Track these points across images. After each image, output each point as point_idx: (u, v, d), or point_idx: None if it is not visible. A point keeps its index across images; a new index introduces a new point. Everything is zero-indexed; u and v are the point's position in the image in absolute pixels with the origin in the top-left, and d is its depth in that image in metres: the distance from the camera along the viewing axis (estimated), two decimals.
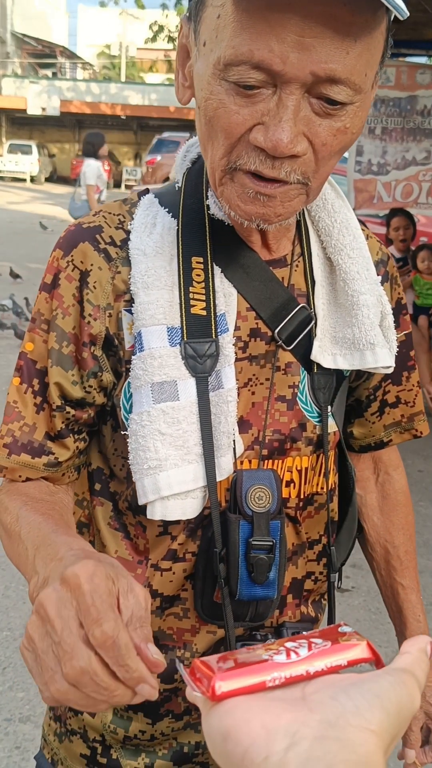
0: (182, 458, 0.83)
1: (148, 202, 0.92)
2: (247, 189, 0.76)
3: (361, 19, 0.66)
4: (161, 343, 0.84)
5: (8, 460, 0.88)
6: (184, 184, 0.92)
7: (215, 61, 0.71)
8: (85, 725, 1.00)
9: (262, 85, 0.70)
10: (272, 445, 0.90)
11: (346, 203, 0.95)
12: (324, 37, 0.66)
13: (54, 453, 0.89)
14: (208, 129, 0.76)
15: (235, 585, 0.86)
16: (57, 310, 0.88)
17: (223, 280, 0.88)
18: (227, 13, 0.69)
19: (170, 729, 0.96)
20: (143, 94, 29.19)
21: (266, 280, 0.89)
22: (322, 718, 0.39)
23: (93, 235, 0.89)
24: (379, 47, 0.71)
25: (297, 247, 0.93)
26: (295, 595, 0.97)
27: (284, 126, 0.70)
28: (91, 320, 0.87)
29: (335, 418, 0.95)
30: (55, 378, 0.88)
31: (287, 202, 0.77)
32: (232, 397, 0.85)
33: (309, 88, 0.70)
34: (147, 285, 0.85)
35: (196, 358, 0.85)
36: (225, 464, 0.85)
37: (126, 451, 0.87)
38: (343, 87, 0.69)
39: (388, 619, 3.18)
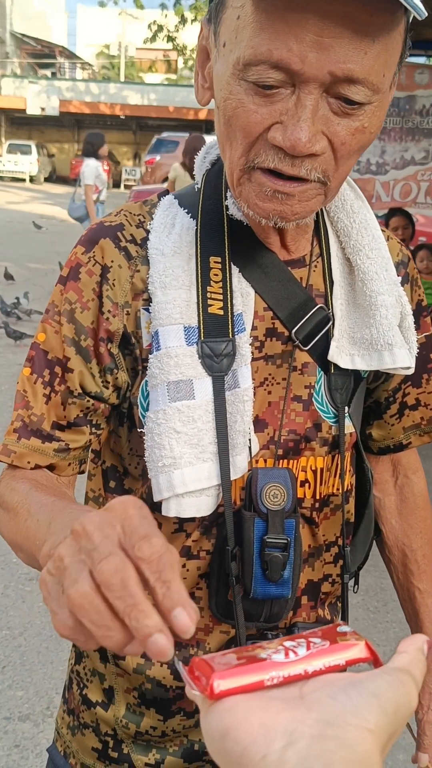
0: (197, 456, 0.84)
1: (167, 203, 0.93)
2: (265, 188, 0.77)
3: (379, 20, 0.67)
4: (178, 342, 0.84)
5: (18, 444, 0.88)
6: (204, 186, 0.92)
7: (235, 61, 0.72)
8: (97, 719, 1.01)
9: (280, 84, 0.70)
10: (287, 445, 0.91)
11: (365, 204, 0.95)
12: (342, 37, 0.67)
13: (63, 440, 0.89)
14: (227, 128, 0.77)
15: (249, 583, 0.86)
16: (76, 303, 0.88)
17: (240, 279, 0.88)
18: (247, 13, 0.70)
19: (181, 726, 0.97)
20: (142, 94, 29.16)
21: (284, 280, 0.89)
22: (320, 717, 0.39)
23: (114, 232, 0.90)
24: (397, 48, 0.72)
25: (316, 248, 0.93)
26: (311, 598, 0.97)
27: (302, 125, 0.70)
28: (110, 316, 0.88)
29: (352, 419, 0.95)
30: (78, 367, 0.88)
31: (305, 202, 0.78)
32: (248, 397, 0.86)
33: (327, 88, 0.70)
34: (164, 285, 0.86)
35: (212, 357, 0.85)
36: (240, 463, 0.86)
37: (141, 449, 0.88)
38: (361, 87, 0.70)
39: (386, 618, 3.20)
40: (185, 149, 7.40)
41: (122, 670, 0.98)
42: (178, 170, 7.40)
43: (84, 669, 1.04)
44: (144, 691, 0.96)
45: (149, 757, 0.99)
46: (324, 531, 0.96)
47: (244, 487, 0.88)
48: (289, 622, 0.96)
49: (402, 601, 1.16)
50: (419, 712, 1.11)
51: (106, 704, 1.00)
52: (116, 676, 0.99)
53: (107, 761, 1.01)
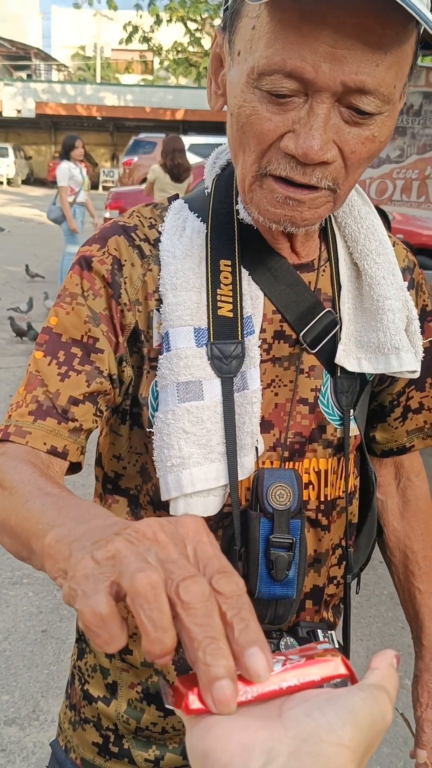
0: (205, 457, 0.85)
1: (178, 207, 0.94)
2: (276, 194, 0.78)
3: (391, 32, 0.69)
4: (188, 343, 0.86)
5: (34, 425, 0.84)
6: (214, 190, 0.93)
7: (249, 70, 0.73)
8: (99, 714, 1.02)
9: (294, 93, 0.72)
10: (293, 447, 0.92)
11: (372, 210, 0.97)
12: (355, 48, 0.68)
13: (78, 419, 0.86)
14: (240, 135, 0.78)
15: (254, 583, 0.87)
16: (88, 291, 0.88)
17: (250, 282, 0.90)
18: (262, 24, 0.71)
19: (181, 724, 0.98)
20: (119, 95, 29.06)
21: (293, 284, 0.91)
22: (296, 735, 0.40)
23: (129, 232, 0.91)
24: (408, 60, 0.74)
25: (324, 253, 0.95)
26: (315, 602, 0.98)
27: (315, 134, 0.72)
28: (124, 309, 0.88)
29: (357, 421, 0.96)
30: (107, 348, 0.87)
31: (314, 209, 0.79)
32: (257, 399, 0.87)
33: (339, 98, 0.72)
34: (175, 287, 0.87)
35: (222, 359, 0.86)
36: (247, 464, 0.87)
37: (141, 447, 0.90)
38: (372, 98, 0.72)
39: (369, 613, 3.23)
40: (163, 150, 7.40)
41: (128, 665, 0.99)
42: (157, 172, 7.39)
43: (86, 665, 1.05)
44: (149, 685, 0.97)
45: (149, 753, 1.00)
46: (332, 535, 0.97)
47: (249, 487, 0.89)
48: (292, 623, 0.96)
49: (403, 602, 1.17)
50: (418, 709, 1.12)
51: (108, 699, 1.01)
52: (121, 671, 1.00)
53: (107, 756, 1.02)
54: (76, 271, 0.90)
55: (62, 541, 0.50)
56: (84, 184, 8.39)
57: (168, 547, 0.43)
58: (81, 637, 1.08)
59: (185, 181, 7.36)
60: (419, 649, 1.15)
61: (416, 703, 1.13)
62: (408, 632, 3.09)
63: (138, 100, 28.59)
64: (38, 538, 0.56)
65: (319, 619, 1.00)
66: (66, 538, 0.50)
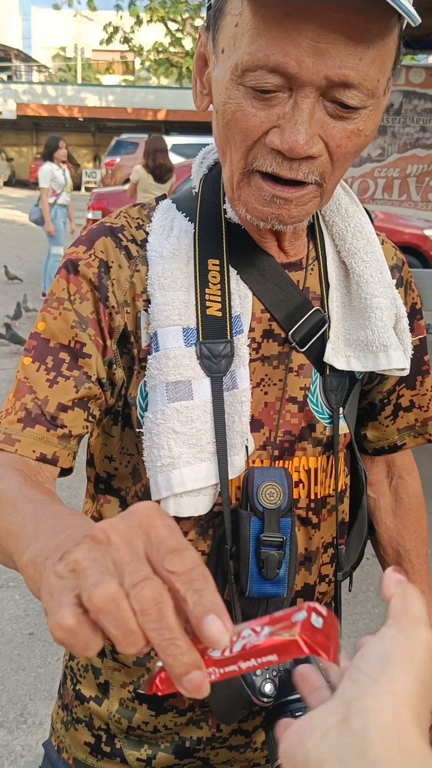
0: (195, 456, 0.85)
1: (165, 207, 0.94)
2: (263, 192, 0.78)
3: (374, 27, 0.69)
4: (177, 343, 0.85)
5: (22, 433, 0.84)
6: (201, 190, 0.93)
7: (233, 67, 0.73)
8: (90, 713, 1.02)
9: (278, 89, 0.72)
10: (283, 446, 0.92)
11: (360, 208, 0.97)
12: (338, 43, 0.68)
13: (66, 425, 0.86)
14: (226, 132, 0.78)
15: (245, 582, 0.87)
16: (75, 295, 0.88)
17: (238, 282, 0.89)
18: (245, 21, 0.71)
19: (173, 723, 0.98)
20: (100, 96, 28.98)
21: (281, 283, 0.91)
22: (342, 701, 0.40)
23: (116, 233, 0.90)
24: (391, 54, 0.74)
25: (312, 251, 0.95)
26: (306, 600, 0.97)
27: (299, 128, 0.72)
28: (112, 311, 0.88)
29: (347, 420, 0.96)
30: (94, 352, 0.87)
31: (302, 206, 0.79)
32: (246, 398, 0.87)
33: (323, 92, 0.72)
34: (163, 286, 0.86)
35: (211, 359, 0.86)
36: (237, 463, 0.87)
37: (133, 448, 0.89)
38: (356, 92, 0.72)
39: (355, 610, 3.24)
40: (146, 150, 7.39)
41: (120, 664, 0.98)
42: (140, 172, 7.38)
43: (77, 665, 1.05)
44: (141, 684, 0.97)
45: (141, 752, 1.00)
46: (323, 533, 0.97)
47: (240, 486, 0.89)
48: None
49: None
50: None
51: (100, 699, 1.01)
52: (113, 671, 1.00)
53: (99, 755, 1.02)
54: (63, 276, 0.89)
55: (35, 560, 0.52)
56: (67, 186, 8.38)
57: (121, 548, 0.45)
58: None
59: (168, 182, 7.36)
60: None
61: None
62: None
63: (119, 100, 28.53)
64: (19, 556, 0.58)
65: None
66: (39, 557, 0.52)
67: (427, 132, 6.12)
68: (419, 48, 6.50)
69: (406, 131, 6.09)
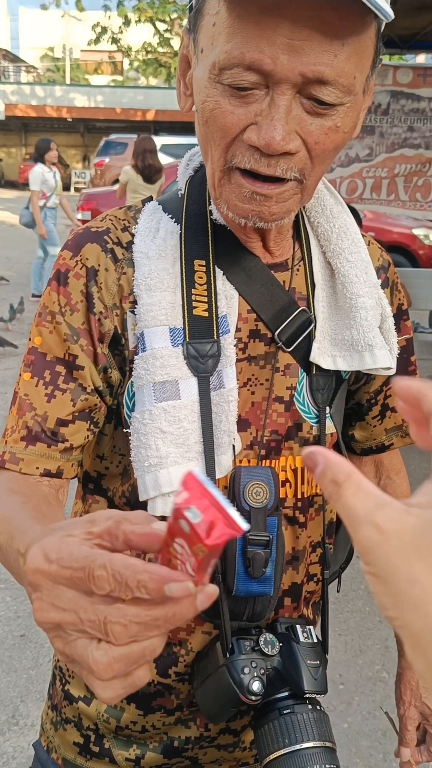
0: (183, 456, 0.85)
1: (152, 209, 0.95)
2: (243, 189, 0.79)
3: (349, 24, 0.70)
4: (163, 343, 0.86)
5: (26, 451, 0.87)
6: (187, 191, 0.94)
7: (211, 66, 0.75)
8: (79, 713, 1.02)
9: (254, 86, 0.73)
10: (269, 445, 0.92)
11: (345, 209, 0.97)
12: (313, 40, 0.70)
13: (68, 439, 0.88)
14: (205, 130, 0.80)
15: (232, 580, 0.88)
16: (66, 307, 0.89)
17: (225, 282, 0.90)
18: (222, 20, 0.73)
19: (161, 723, 0.98)
20: (89, 96, 28.91)
21: (267, 283, 0.91)
22: None
23: (101, 237, 0.91)
24: (368, 51, 0.75)
25: (298, 252, 0.95)
26: (294, 599, 0.98)
27: (276, 124, 0.73)
28: (101, 317, 0.89)
29: (333, 419, 0.96)
30: (87, 364, 0.89)
31: (282, 203, 0.80)
32: (233, 397, 0.87)
33: (300, 89, 0.73)
34: (149, 287, 0.87)
35: (198, 358, 0.87)
36: (225, 462, 0.87)
37: (124, 448, 0.89)
38: (332, 89, 0.73)
39: (346, 608, 3.25)
40: (135, 151, 7.39)
41: None
42: (129, 173, 7.38)
43: (66, 665, 1.04)
44: None
45: (129, 752, 1.00)
46: (310, 532, 0.98)
47: (227, 485, 0.89)
48: (271, 620, 0.97)
49: None
50: (401, 707, 1.12)
51: (88, 699, 1.01)
52: None
53: (88, 755, 1.02)
54: (54, 288, 0.90)
55: None
56: (57, 188, 8.36)
57: (58, 584, 0.50)
58: None
59: (158, 182, 7.35)
60: (402, 647, 1.15)
61: (399, 701, 1.13)
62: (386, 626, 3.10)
63: (108, 100, 28.47)
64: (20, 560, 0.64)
65: (298, 615, 1.00)
66: None
67: (414, 132, 6.14)
68: (406, 48, 6.53)
69: (393, 131, 6.11)
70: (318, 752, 0.82)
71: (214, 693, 0.89)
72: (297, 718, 0.84)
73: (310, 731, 0.84)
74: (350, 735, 2.50)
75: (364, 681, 2.77)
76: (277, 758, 0.83)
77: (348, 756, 2.42)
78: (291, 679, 0.87)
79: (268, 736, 0.85)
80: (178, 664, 0.95)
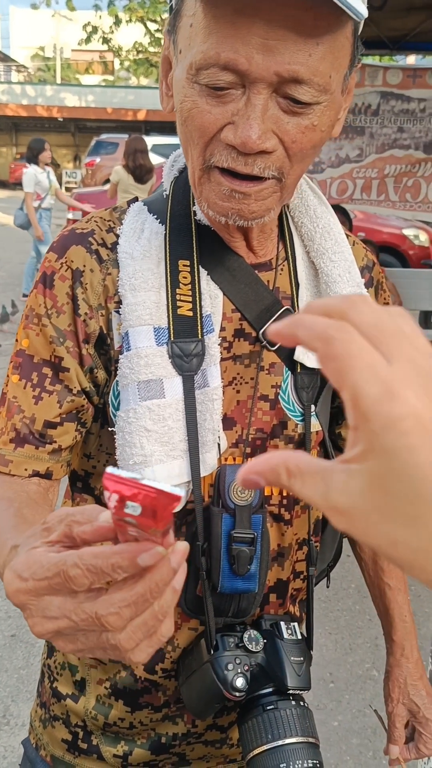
0: (167, 454, 0.86)
1: (137, 209, 0.96)
2: (222, 187, 0.80)
3: (323, 23, 0.71)
4: (148, 342, 0.87)
5: (14, 453, 0.89)
6: (172, 192, 0.95)
7: (188, 66, 0.76)
8: (67, 711, 1.03)
9: (231, 86, 0.74)
10: (255, 443, 0.93)
11: (329, 209, 0.99)
12: (287, 39, 0.71)
13: (56, 441, 0.90)
14: (185, 129, 0.81)
15: (217, 577, 0.89)
16: (52, 309, 0.90)
17: (209, 282, 0.91)
18: (198, 21, 0.74)
19: (149, 719, 0.99)
20: (80, 96, 28.83)
21: (251, 283, 0.92)
22: None
23: (86, 238, 0.92)
24: (344, 50, 0.76)
25: (282, 252, 0.96)
26: (279, 596, 0.99)
27: (252, 123, 0.74)
28: (86, 319, 0.90)
29: (319, 417, 0.97)
30: (73, 365, 0.90)
31: (261, 200, 0.81)
32: (217, 396, 0.88)
33: (276, 89, 0.74)
34: (134, 287, 0.88)
35: (182, 357, 0.87)
36: (210, 460, 0.89)
37: (111, 446, 0.90)
38: (307, 88, 0.74)
39: (336, 606, 3.26)
40: (126, 151, 7.38)
41: (97, 661, 1.00)
42: (120, 173, 7.37)
43: (55, 663, 1.06)
44: (117, 680, 0.98)
45: (117, 748, 1.01)
46: (296, 529, 0.98)
47: (213, 484, 0.90)
48: (257, 617, 0.98)
49: (374, 598, 1.19)
50: (389, 705, 1.14)
51: (77, 696, 1.02)
52: (89, 668, 1.01)
53: (76, 752, 1.03)
54: (40, 290, 0.91)
55: None
56: (52, 188, 8.34)
57: (41, 597, 0.52)
58: None
59: (148, 182, 7.36)
60: (390, 645, 1.16)
61: (388, 699, 1.14)
62: (375, 624, 3.12)
63: (99, 100, 28.40)
64: None
65: (284, 612, 1.01)
66: None
67: (404, 133, 6.16)
68: (396, 49, 6.55)
69: (383, 132, 6.13)
70: (301, 748, 0.83)
71: (198, 689, 0.90)
72: (280, 714, 0.85)
73: (293, 727, 0.85)
74: (340, 733, 2.52)
75: (354, 679, 2.78)
76: (260, 753, 0.84)
77: (338, 754, 2.44)
78: (275, 676, 0.88)
79: (252, 731, 0.86)
80: (165, 660, 0.96)
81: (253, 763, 0.85)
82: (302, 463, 0.39)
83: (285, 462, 0.39)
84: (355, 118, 6.01)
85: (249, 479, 0.41)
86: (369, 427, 0.35)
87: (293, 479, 0.39)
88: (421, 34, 6.09)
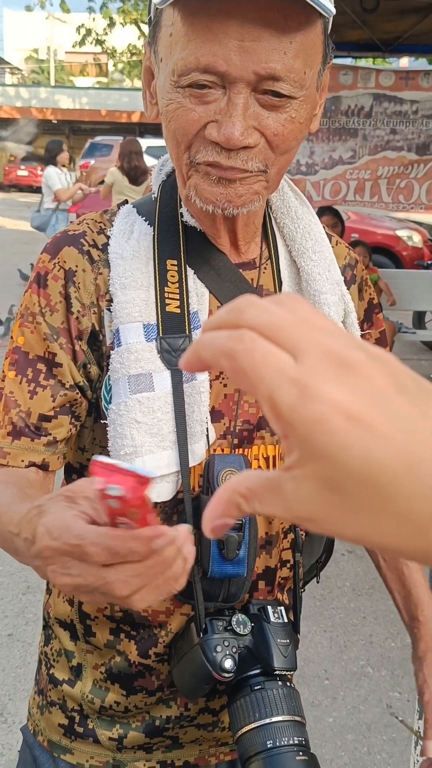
0: (157, 445, 0.90)
1: (126, 212, 1.00)
2: (210, 175, 0.84)
3: (294, 23, 0.76)
4: (138, 338, 0.91)
5: (12, 446, 0.93)
6: (160, 195, 0.99)
7: (170, 73, 0.81)
8: (64, 696, 1.06)
9: (212, 86, 0.79)
10: (242, 435, 0.97)
11: (310, 210, 1.03)
12: (262, 40, 0.76)
13: (50, 433, 0.94)
14: (170, 130, 0.85)
15: (207, 563, 0.92)
16: (46, 308, 0.94)
17: (195, 281, 0.95)
18: (177, 29, 0.79)
19: (143, 703, 1.02)
20: (74, 98, 28.85)
21: (236, 281, 0.96)
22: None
23: (78, 239, 0.96)
24: (316, 48, 0.81)
25: (265, 252, 1.01)
26: (267, 583, 1.02)
27: (235, 121, 0.79)
28: (79, 316, 0.94)
29: None
30: (66, 361, 0.94)
31: (247, 185, 0.85)
32: (204, 388, 0.92)
33: (255, 87, 0.79)
34: (124, 286, 0.92)
35: (171, 352, 0.91)
36: (198, 450, 0.92)
37: (104, 439, 0.94)
38: (284, 83, 0.79)
39: (331, 605, 3.28)
40: (121, 153, 7.39)
41: (93, 647, 1.03)
42: (115, 174, 7.38)
43: (51, 650, 1.09)
44: (112, 665, 1.02)
45: (113, 731, 1.04)
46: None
47: (202, 474, 0.94)
48: (245, 602, 1.00)
49: (391, 583, 1.15)
50: (426, 693, 1.06)
51: (73, 681, 1.05)
52: (86, 653, 1.04)
53: (73, 736, 1.06)
54: (34, 290, 0.95)
55: None
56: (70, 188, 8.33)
57: (63, 555, 0.59)
58: (47, 624, 1.11)
59: (143, 184, 7.37)
60: (416, 627, 1.11)
61: (424, 686, 1.07)
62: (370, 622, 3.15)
63: (93, 102, 28.43)
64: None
65: (272, 599, 1.04)
66: None
67: (397, 134, 6.21)
68: (389, 51, 6.59)
69: (376, 134, 6.17)
70: (287, 725, 0.86)
71: (189, 671, 0.93)
72: (267, 693, 0.88)
73: (280, 706, 0.88)
74: (335, 729, 2.54)
75: (348, 676, 2.80)
76: (249, 731, 0.87)
77: (333, 750, 2.46)
78: (262, 657, 0.91)
79: (240, 711, 0.89)
80: (158, 645, 0.99)
81: (242, 740, 0.88)
82: (251, 484, 0.37)
83: (235, 490, 0.38)
84: (348, 120, 6.05)
85: (216, 526, 0.39)
86: (296, 435, 0.33)
87: (251, 503, 0.37)
88: (414, 36, 6.14)
